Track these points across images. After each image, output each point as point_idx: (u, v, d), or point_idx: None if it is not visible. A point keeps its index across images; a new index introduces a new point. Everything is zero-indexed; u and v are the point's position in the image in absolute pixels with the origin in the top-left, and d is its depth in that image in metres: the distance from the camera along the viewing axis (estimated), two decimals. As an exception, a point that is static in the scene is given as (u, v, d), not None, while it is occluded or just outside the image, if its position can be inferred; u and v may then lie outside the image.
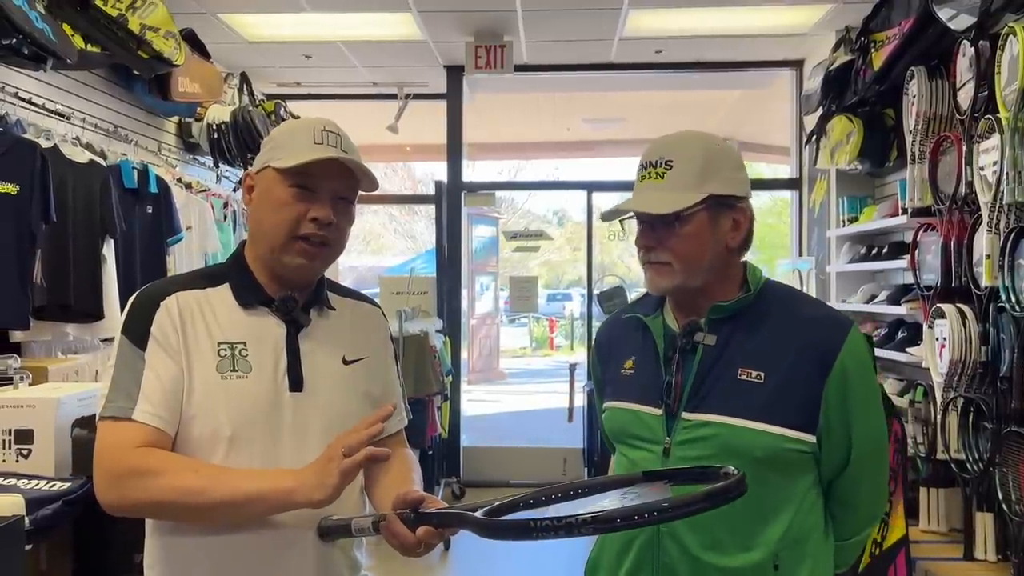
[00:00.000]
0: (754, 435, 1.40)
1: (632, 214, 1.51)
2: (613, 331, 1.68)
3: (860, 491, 1.51)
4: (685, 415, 1.45)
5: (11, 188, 3.06)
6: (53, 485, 2.22)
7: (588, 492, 1.32)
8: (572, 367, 6.85)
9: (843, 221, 4.86)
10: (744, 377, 1.43)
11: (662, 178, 1.45)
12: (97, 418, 1.37)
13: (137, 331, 1.38)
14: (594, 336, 1.76)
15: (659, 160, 1.47)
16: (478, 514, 1.20)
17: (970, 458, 3.02)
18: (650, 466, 1.46)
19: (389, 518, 1.29)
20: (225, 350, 1.40)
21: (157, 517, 1.40)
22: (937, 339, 3.20)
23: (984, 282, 2.89)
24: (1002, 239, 2.78)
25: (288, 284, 1.46)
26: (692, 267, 1.46)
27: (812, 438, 1.42)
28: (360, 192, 1.49)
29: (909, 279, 3.77)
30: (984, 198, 2.92)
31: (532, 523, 1.10)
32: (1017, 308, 2.70)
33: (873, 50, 3.98)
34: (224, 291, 1.46)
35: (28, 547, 2.04)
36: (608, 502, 1.21)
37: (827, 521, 1.51)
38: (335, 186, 1.43)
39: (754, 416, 1.41)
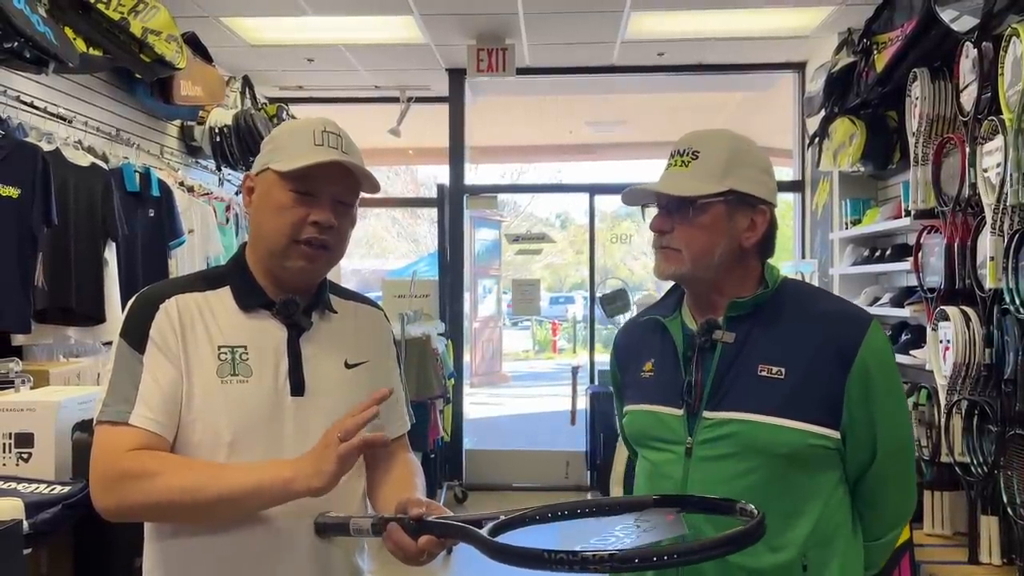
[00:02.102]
0: (776, 431, 1.40)
1: (651, 203, 1.53)
2: (631, 335, 1.68)
3: (887, 489, 1.50)
4: (706, 414, 1.45)
5: (13, 191, 3.06)
6: (53, 489, 2.21)
7: (596, 512, 1.30)
8: (575, 370, 6.84)
9: (846, 223, 4.85)
10: (764, 373, 1.43)
11: (687, 166, 1.48)
12: (94, 422, 1.35)
13: (135, 334, 1.37)
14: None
15: (687, 149, 1.49)
16: (484, 531, 1.18)
17: (974, 461, 3.00)
18: (672, 468, 1.46)
19: (390, 527, 1.28)
20: (225, 354, 1.39)
21: (155, 519, 1.39)
22: (941, 342, 3.19)
23: (988, 284, 2.87)
24: (1006, 241, 2.77)
25: (289, 287, 1.45)
26: (701, 258, 1.46)
27: (836, 434, 1.41)
28: (362, 194, 1.48)
29: (912, 281, 3.76)
30: (988, 200, 2.91)
31: (546, 554, 1.07)
32: (1021, 310, 2.69)
33: (875, 52, 3.97)
34: (225, 294, 1.45)
35: (27, 551, 2.03)
36: (620, 530, 1.18)
37: (855, 520, 1.50)
38: (336, 189, 1.42)
39: (776, 412, 1.40)
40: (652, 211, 1.53)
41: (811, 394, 1.41)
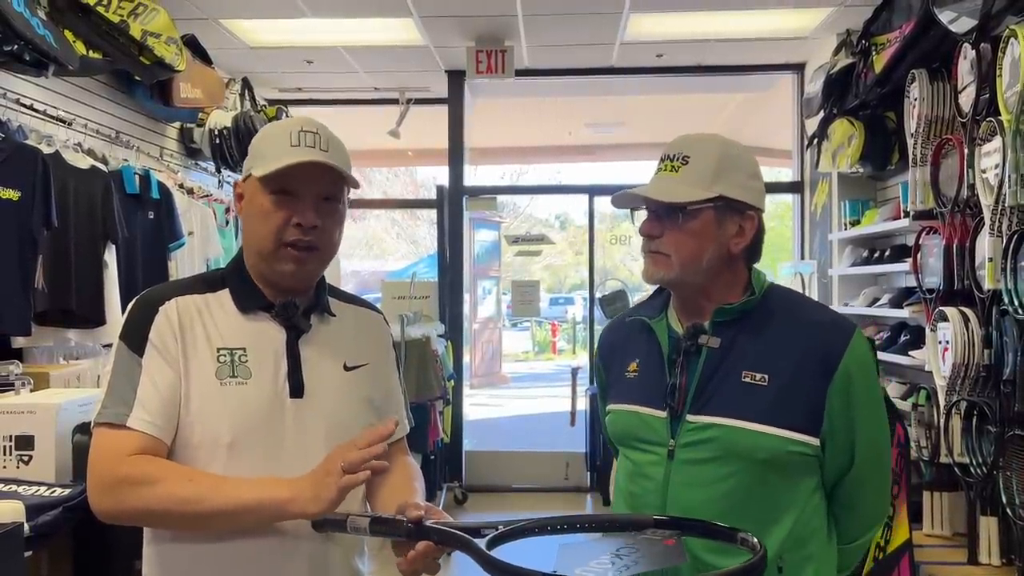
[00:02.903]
0: (758, 437, 1.41)
1: (641, 206, 1.53)
2: (617, 334, 1.68)
3: (863, 494, 1.52)
4: (689, 417, 1.45)
5: (13, 194, 3.06)
6: (53, 491, 2.21)
7: (596, 528, 1.30)
8: (574, 371, 6.85)
9: (845, 224, 4.85)
10: (748, 380, 1.43)
11: (676, 171, 1.48)
12: (92, 424, 1.36)
13: (135, 337, 1.38)
14: (597, 339, 1.77)
15: (677, 154, 1.49)
16: (481, 543, 1.18)
17: (974, 462, 3.01)
18: (654, 469, 1.47)
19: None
20: (224, 356, 1.39)
21: (151, 525, 1.40)
22: (940, 342, 3.19)
23: (987, 285, 2.88)
24: (1004, 242, 2.77)
25: (285, 289, 1.45)
26: (690, 263, 1.47)
27: (816, 441, 1.43)
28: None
29: (911, 282, 3.76)
30: (986, 201, 2.91)
31: None
32: (1020, 311, 2.69)
33: (874, 53, 3.97)
34: (224, 296, 1.45)
35: (28, 554, 2.03)
36: (619, 552, 1.17)
37: (830, 524, 1.52)
38: (316, 188, 1.41)
39: (758, 418, 1.41)
40: (641, 214, 1.54)
41: (793, 401, 1.42)
